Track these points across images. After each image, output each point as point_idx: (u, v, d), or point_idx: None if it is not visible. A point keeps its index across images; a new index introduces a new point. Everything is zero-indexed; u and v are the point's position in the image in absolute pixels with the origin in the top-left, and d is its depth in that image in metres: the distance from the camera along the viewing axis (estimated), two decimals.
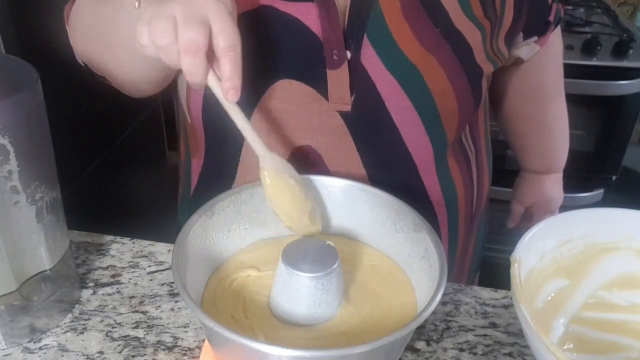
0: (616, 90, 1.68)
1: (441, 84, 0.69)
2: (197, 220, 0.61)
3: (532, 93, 0.93)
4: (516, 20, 0.74)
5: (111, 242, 0.78)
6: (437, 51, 0.68)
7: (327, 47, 0.67)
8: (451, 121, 0.73)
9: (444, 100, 0.71)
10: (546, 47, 0.84)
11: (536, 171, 1.03)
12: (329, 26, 0.66)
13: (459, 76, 0.70)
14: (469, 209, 0.84)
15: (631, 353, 0.61)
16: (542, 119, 0.96)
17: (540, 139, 0.99)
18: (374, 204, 0.66)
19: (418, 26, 0.67)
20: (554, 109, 0.96)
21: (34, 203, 0.58)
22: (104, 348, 0.63)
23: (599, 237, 0.61)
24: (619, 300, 0.63)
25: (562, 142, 1.00)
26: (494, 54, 0.73)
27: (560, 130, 0.98)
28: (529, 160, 1.02)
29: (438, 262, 0.56)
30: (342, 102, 0.69)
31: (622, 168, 1.85)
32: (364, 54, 0.67)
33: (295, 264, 0.56)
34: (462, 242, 0.86)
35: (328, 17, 0.66)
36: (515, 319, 0.67)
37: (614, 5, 2.05)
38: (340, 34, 0.67)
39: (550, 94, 0.94)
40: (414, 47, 0.67)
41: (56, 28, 0.76)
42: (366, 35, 0.67)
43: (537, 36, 0.82)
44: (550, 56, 0.90)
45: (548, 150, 1.01)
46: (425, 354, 0.63)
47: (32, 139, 0.56)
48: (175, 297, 0.69)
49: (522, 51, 0.83)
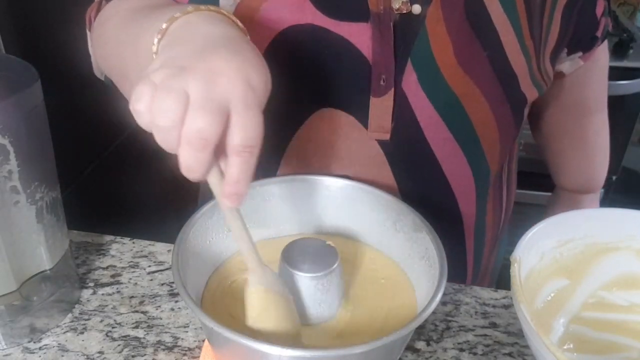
0: (616, 90, 1.68)
1: (483, 114, 0.67)
2: (197, 220, 0.61)
3: (573, 108, 0.87)
4: (562, 36, 0.70)
5: (111, 242, 0.78)
6: (481, 79, 0.65)
7: (376, 72, 0.64)
8: (493, 151, 0.71)
9: (485, 130, 0.68)
10: (591, 61, 0.78)
11: (573, 190, 0.97)
12: (380, 50, 0.63)
13: (502, 105, 0.67)
14: (494, 231, 0.82)
15: (631, 353, 0.61)
16: (582, 135, 0.90)
17: (579, 156, 0.93)
18: (374, 204, 0.66)
19: (464, 50, 0.64)
20: (595, 124, 0.89)
21: (34, 203, 0.58)
22: (104, 348, 0.63)
23: (599, 237, 0.61)
24: (619, 300, 0.63)
25: (602, 159, 0.94)
26: (540, 77, 0.70)
27: (601, 147, 0.92)
28: (566, 178, 0.96)
29: (438, 262, 0.56)
30: (382, 130, 0.66)
31: (622, 168, 1.85)
32: (406, 80, 0.65)
33: (295, 264, 0.56)
34: (485, 261, 0.84)
35: (381, 39, 0.63)
36: (515, 319, 0.67)
37: (614, 5, 2.05)
38: (392, 58, 0.63)
39: (592, 109, 0.88)
40: (457, 74, 0.65)
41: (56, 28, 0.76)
42: (410, 60, 0.64)
43: (582, 52, 0.76)
44: (595, 71, 0.83)
45: (588, 168, 0.94)
46: (425, 354, 0.63)
47: (32, 139, 0.56)
48: (175, 297, 0.69)
49: (563, 66, 0.77)
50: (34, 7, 1.18)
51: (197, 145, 0.41)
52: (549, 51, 0.70)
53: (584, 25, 0.72)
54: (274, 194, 0.67)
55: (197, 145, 0.41)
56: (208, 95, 0.40)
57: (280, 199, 0.67)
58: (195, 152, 0.41)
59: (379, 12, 0.63)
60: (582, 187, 0.96)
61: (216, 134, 0.41)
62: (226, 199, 0.44)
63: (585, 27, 0.73)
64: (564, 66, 0.77)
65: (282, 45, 0.65)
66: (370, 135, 0.67)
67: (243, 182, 0.43)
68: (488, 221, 0.79)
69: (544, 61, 0.70)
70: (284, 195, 0.67)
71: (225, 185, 0.44)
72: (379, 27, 0.63)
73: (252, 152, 0.42)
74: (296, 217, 0.68)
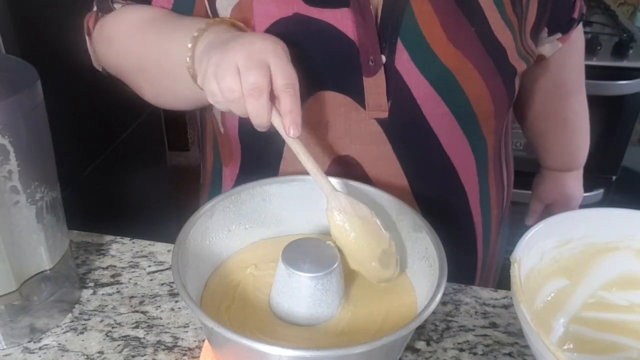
0: (616, 90, 1.68)
1: (477, 87, 0.68)
2: (197, 220, 0.61)
3: (554, 90, 0.93)
4: (540, 15, 0.73)
5: (111, 242, 0.78)
6: (471, 53, 0.67)
7: (364, 53, 0.66)
8: (489, 124, 0.73)
9: (480, 103, 0.70)
10: (568, 44, 0.84)
11: (556, 169, 1.02)
12: (364, 32, 0.65)
13: (494, 78, 0.69)
14: (499, 209, 0.84)
15: (631, 353, 0.61)
16: (563, 116, 0.96)
17: (561, 136, 0.99)
18: (374, 204, 0.65)
19: (452, 27, 0.66)
20: (575, 105, 0.96)
21: (34, 203, 0.58)
22: (104, 348, 0.63)
23: (599, 237, 0.61)
24: (619, 300, 0.63)
25: (582, 139, 1.00)
26: (525, 51, 0.73)
27: (581, 127, 0.98)
28: (550, 158, 1.02)
29: (438, 262, 0.56)
30: (379, 109, 0.68)
31: (622, 168, 1.85)
32: (398, 59, 0.66)
33: (295, 264, 0.56)
34: (493, 244, 0.86)
35: (364, 22, 0.65)
36: (515, 319, 0.67)
37: (614, 5, 2.05)
38: (376, 39, 0.66)
39: (571, 91, 0.94)
40: (448, 49, 0.66)
41: (56, 28, 0.76)
42: (399, 39, 0.66)
43: (560, 33, 0.81)
44: (573, 53, 0.89)
45: (569, 147, 1.01)
46: (425, 354, 0.63)
47: (32, 139, 0.56)
48: (175, 297, 0.69)
49: (544, 48, 0.82)
50: (34, 7, 1.18)
51: (256, 94, 0.54)
52: (529, 28, 0.73)
53: (560, 6, 0.78)
54: (274, 194, 0.67)
55: (256, 94, 0.54)
56: (250, 57, 0.54)
57: (280, 199, 0.67)
58: (256, 100, 0.54)
59: None
60: (564, 166, 1.02)
61: (267, 81, 0.54)
62: (287, 130, 0.55)
63: (562, 8, 0.79)
64: (545, 48, 0.82)
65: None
66: (369, 114, 0.69)
67: (295, 112, 0.55)
68: (492, 197, 0.80)
69: (526, 37, 0.73)
70: (284, 195, 0.67)
71: (283, 118, 0.55)
72: (360, 11, 0.65)
73: (294, 88, 0.55)
74: (296, 217, 0.68)
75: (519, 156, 0.89)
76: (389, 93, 0.67)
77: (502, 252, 0.94)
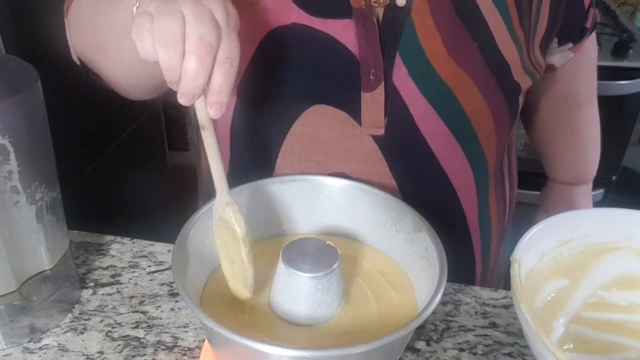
0: (616, 90, 1.68)
1: (476, 104, 0.66)
2: (197, 220, 0.61)
3: (564, 101, 0.89)
4: (552, 26, 0.70)
5: (111, 242, 0.78)
6: (472, 69, 0.65)
7: (364, 67, 0.64)
8: (489, 141, 0.71)
9: (480, 121, 0.68)
10: (580, 53, 0.80)
11: (564, 182, 0.97)
12: (366, 44, 0.63)
13: (496, 95, 0.67)
14: (501, 225, 0.81)
15: (631, 353, 0.61)
16: (572, 127, 0.91)
17: (570, 148, 0.94)
18: (374, 204, 0.66)
19: (453, 41, 0.64)
20: (586, 117, 0.91)
21: (34, 203, 0.58)
22: (104, 348, 0.63)
23: (599, 237, 0.61)
24: (619, 300, 0.63)
25: (592, 151, 0.95)
26: (532, 66, 0.70)
27: (592, 139, 0.94)
28: (558, 170, 0.97)
29: (438, 262, 0.56)
30: (375, 125, 0.66)
31: (622, 168, 1.85)
32: (396, 74, 0.65)
33: (295, 264, 0.56)
34: (493, 260, 0.84)
35: (366, 34, 0.63)
36: (515, 319, 0.67)
37: (614, 5, 2.05)
38: (379, 52, 0.64)
39: (582, 102, 0.89)
40: (448, 65, 0.64)
41: (56, 28, 0.76)
42: (398, 53, 0.64)
43: (572, 43, 0.77)
44: (584, 63, 0.85)
45: (577, 160, 0.96)
46: (425, 354, 0.63)
47: (32, 139, 0.56)
48: (175, 297, 0.69)
49: (554, 58, 0.78)
50: (34, 7, 1.18)
51: (203, 51, 0.46)
52: (538, 40, 0.70)
53: (572, 15, 0.72)
54: (274, 194, 0.67)
55: (203, 51, 0.46)
56: (200, 11, 0.46)
57: (280, 199, 0.67)
58: (201, 60, 0.46)
59: (360, 8, 0.64)
60: (573, 179, 0.97)
61: (217, 38, 0.47)
62: (210, 109, 0.49)
63: (574, 18, 0.74)
64: (555, 58, 0.78)
65: (270, 47, 0.65)
66: (365, 131, 0.67)
67: (224, 92, 0.48)
68: (492, 215, 0.78)
69: (534, 51, 0.70)
70: (284, 195, 0.67)
71: (209, 95, 0.49)
72: (363, 23, 0.63)
73: (232, 64, 0.48)
74: (296, 217, 0.68)
75: (519, 156, 0.88)
76: (386, 110, 0.66)
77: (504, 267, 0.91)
